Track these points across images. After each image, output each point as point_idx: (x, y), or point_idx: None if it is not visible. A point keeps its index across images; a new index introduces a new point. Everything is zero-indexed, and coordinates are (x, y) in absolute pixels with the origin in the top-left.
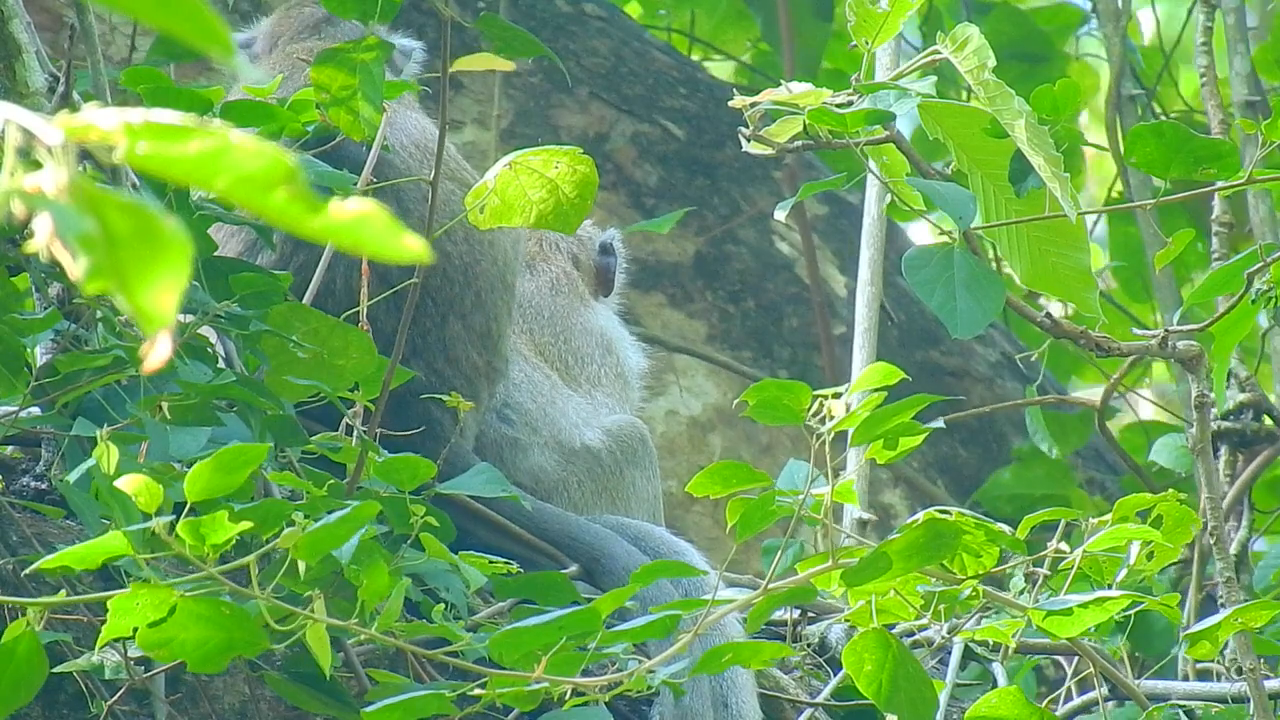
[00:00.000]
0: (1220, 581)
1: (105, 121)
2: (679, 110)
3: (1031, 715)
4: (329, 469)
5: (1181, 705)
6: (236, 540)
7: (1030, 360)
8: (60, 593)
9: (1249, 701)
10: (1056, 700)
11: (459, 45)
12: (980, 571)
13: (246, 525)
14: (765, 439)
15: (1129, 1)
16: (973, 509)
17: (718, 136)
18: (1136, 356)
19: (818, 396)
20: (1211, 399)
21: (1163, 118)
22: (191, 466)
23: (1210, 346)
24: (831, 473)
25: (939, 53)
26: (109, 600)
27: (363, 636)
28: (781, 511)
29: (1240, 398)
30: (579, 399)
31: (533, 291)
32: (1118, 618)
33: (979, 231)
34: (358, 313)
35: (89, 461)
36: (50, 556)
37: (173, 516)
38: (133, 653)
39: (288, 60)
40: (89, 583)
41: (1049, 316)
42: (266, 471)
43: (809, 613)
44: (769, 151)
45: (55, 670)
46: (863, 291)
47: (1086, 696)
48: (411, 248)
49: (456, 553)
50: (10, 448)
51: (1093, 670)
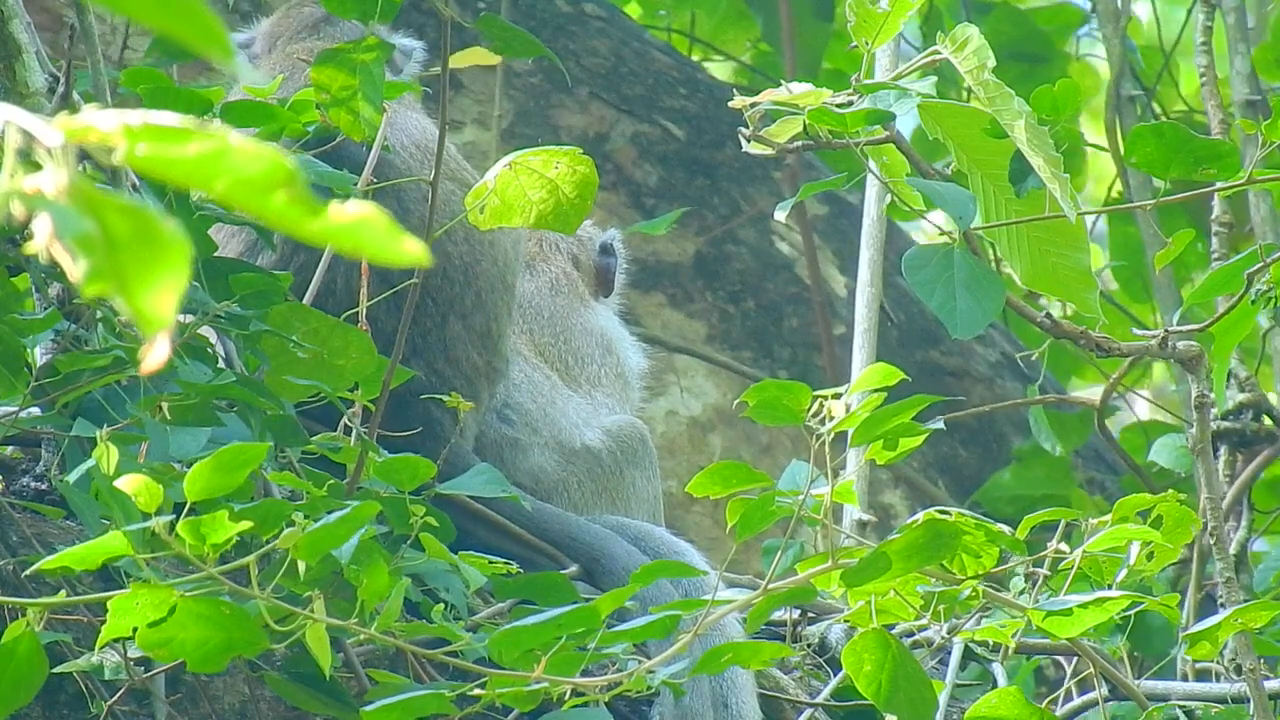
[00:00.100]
0: (1220, 582)
1: (105, 123)
2: (679, 110)
3: (1031, 715)
4: (329, 469)
5: (1181, 705)
6: (236, 540)
7: (1030, 360)
8: (60, 593)
9: (1249, 702)
10: (1056, 700)
11: (459, 45)
12: (980, 572)
13: (246, 525)
14: (765, 439)
15: (1128, 1)
16: (973, 509)
17: (718, 136)
18: (1136, 356)
19: (818, 397)
20: (1211, 399)
21: (1162, 118)
22: (191, 467)
23: (1210, 347)
24: (831, 473)
25: (939, 53)
26: (109, 600)
27: (362, 636)
28: (781, 512)
29: (1240, 398)
30: (579, 399)
31: (533, 292)
32: (1117, 618)
33: (979, 231)
34: (358, 313)
35: (89, 462)
36: (50, 557)
37: (173, 516)
38: (133, 653)
39: (287, 60)
40: (89, 583)
41: (1049, 316)
42: (266, 471)
43: (809, 613)
44: (769, 151)
45: (55, 670)
46: (862, 292)
47: (1086, 696)
48: (411, 251)
49: (456, 553)
50: (10, 448)
51: (1093, 670)
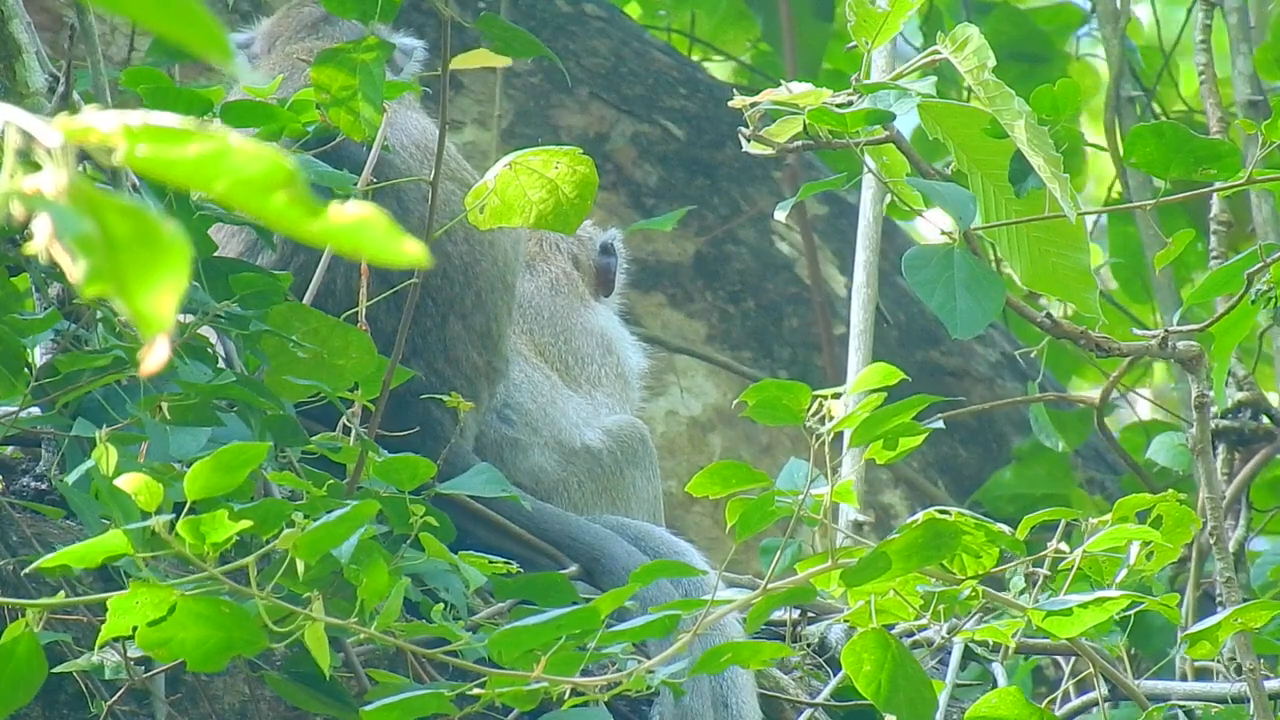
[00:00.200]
0: (1220, 581)
1: (105, 124)
2: (679, 110)
3: (1031, 715)
4: (329, 469)
5: (1181, 705)
6: (236, 540)
7: (1030, 358)
8: (59, 594)
9: (1249, 701)
10: (1056, 700)
11: (459, 45)
12: (980, 571)
13: (247, 525)
14: (765, 439)
15: (1128, 1)
16: (973, 509)
17: (718, 136)
18: (1136, 356)
19: (817, 396)
20: (1211, 398)
21: (1162, 118)
22: (191, 466)
23: (1210, 346)
24: (831, 473)
25: (939, 53)
26: (109, 600)
27: (362, 636)
28: (781, 512)
29: (1238, 396)
30: (579, 399)
31: (533, 292)
32: (1117, 617)
33: (979, 231)
34: (358, 313)
35: (89, 462)
36: (50, 555)
37: (172, 515)
38: (132, 653)
39: (286, 60)
40: (89, 583)
41: (1049, 316)
42: (266, 471)
43: (809, 613)
44: (769, 151)
45: (55, 670)
46: (858, 293)
47: (1086, 697)
48: (411, 251)
49: (456, 553)
50: (10, 448)
51: (1093, 670)
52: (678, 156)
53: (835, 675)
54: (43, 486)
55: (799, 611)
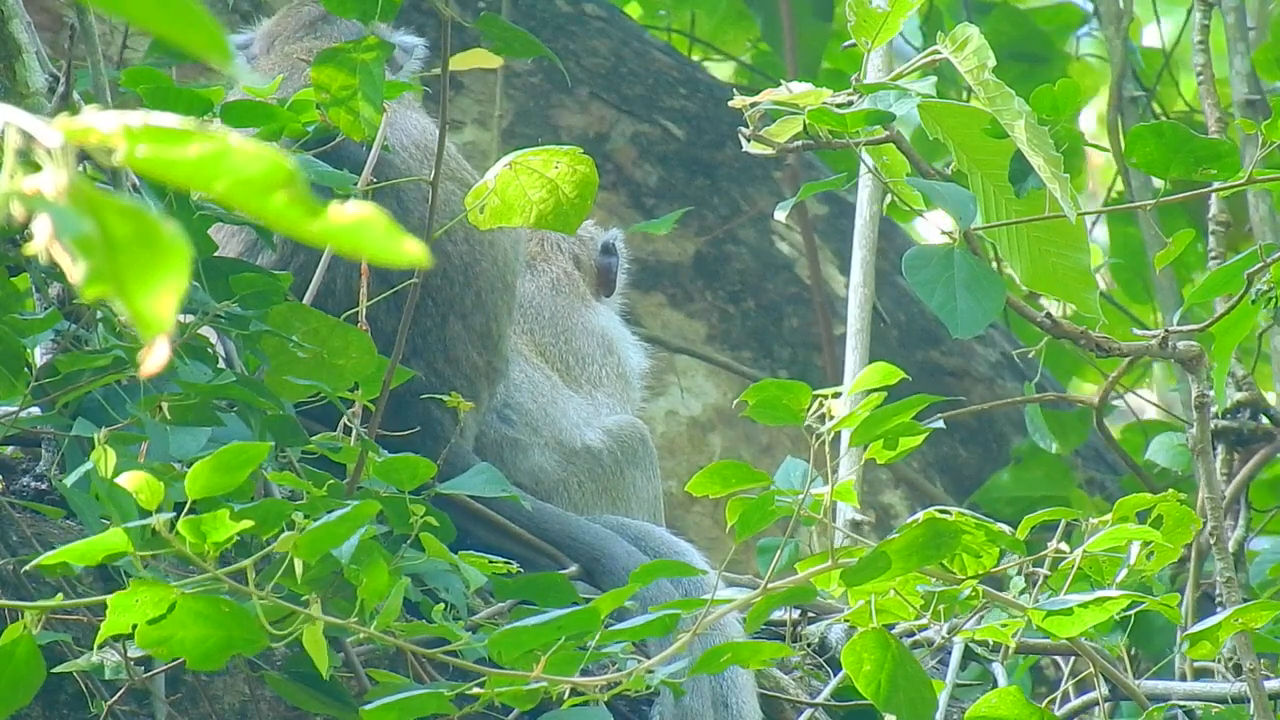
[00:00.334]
0: (1220, 581)
1: (105, 124)
2: (679, 110)
3: (1031, 715)
4: (329, 469)
5: (1181, 705)
6: (237, 540)
7: (1028, 358)
8: (57, 595)
9: (1249, 701)
10: (1056, 700)
11: (459, 45)
12: (980, 571)
13: (247, 524)
14: (765, 439)
15: (1130, 2)
16: (972, 509)
17: (718, 136)
18: (1136, 356)
19: (817, 396)
20: (1212, 398)
21: (1163, 118)
22: (191, 466)
23: (1210, 347)
24: (830, 472)
25: (939, 53)
26: (109, 599)
27: (362, 636)
28: (781, 511)
29: (1237, 396)
30: (580, 399)
31: (534, 292)
32: (1117, 617)
33: (979, 231)
34: (358, 313)
35: (89, 463)
36: (50, 554)
37: (173, 514)
38: (132, 653)
39: (286, 60)
40: (89, 582)
41: (1049, 316)
42: (266, 471)
43: (809, 613)
44: (769, 151)
45: (55, 670)
46: (855, 293)
47: (1086, 697)
48: (411, 251)
49: (456, 553)
50: (10, 448)
51: (1093, 670)
52: (678, 156)
53: (835, 675)
54: (43, 486)
55: (799, 611)
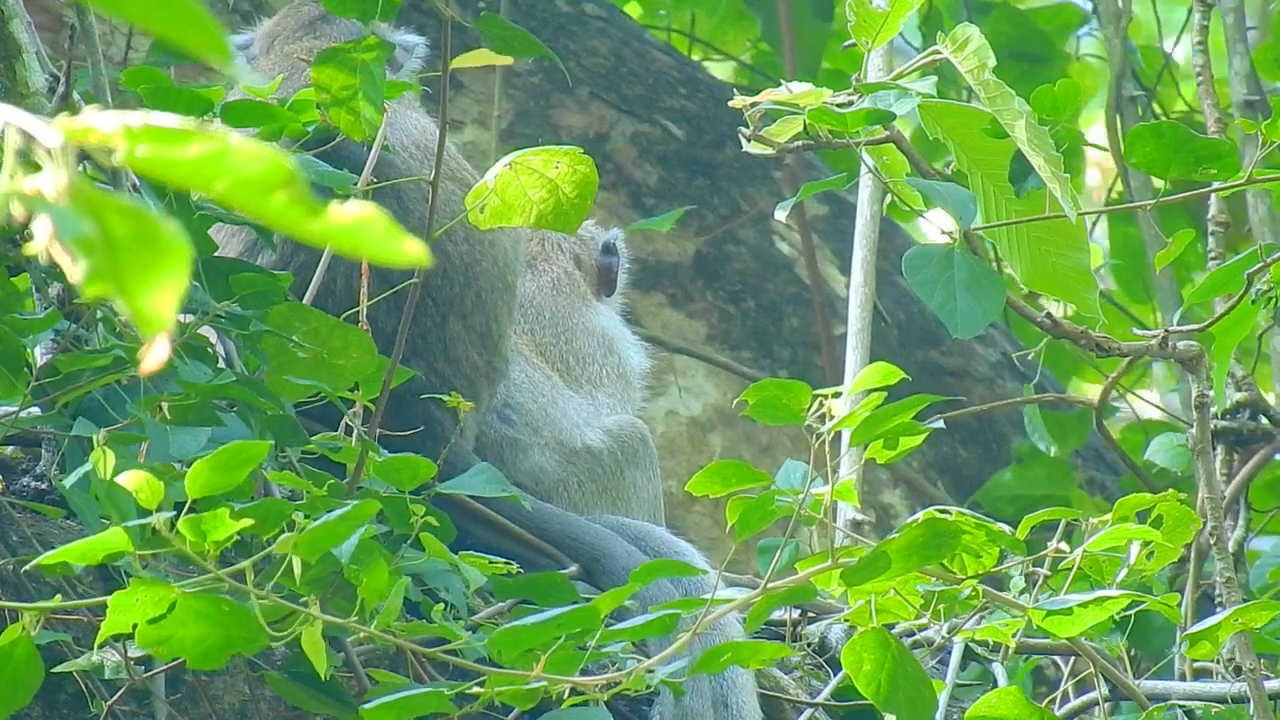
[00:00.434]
0: (1220, 581)
1: (105, 124)
2: (679, 110)
3: (1031, 715)
4: (329, 469)
5: (1181, 705)
6: (237, 540)
7: (1028, 359)
8: (57, 596)
9: (1249, 701)
10: (1056, 700)
11: (459, 45)
12: (980, 571)
13: (247, 523)
14: (765, 439)
15: (1129, 2)
16: (973, 509)
17: (718, 136)
18: (1136, 356)
19: (817, 396)
20: (1211, 399)
21: (1163, 118)
22: (191, 466)
23: (1210, 347)
24: (830, 472)
25: (939, 53)
26: (109, 598)
27: (362, 635)
28: (781, 511)
29: (1237, 397)
30: (580, 399)
31: (534, 291)
32: (1117, 617)
33: (979, 231)
34: (358, 313)
35: (89, 463)
36: (50, 553)
37: (173, 514)
38: (132, 653)
39: (286, 60)
40: (89, 582)
41: (1049, 316)
42: (266, 471)
43: (809, 613)
44: (769, 151)
45: (55, 670)
46: (856, 293)
47: (1086, 697)
48: (411, 251)
49: (456, 553)
50: (10, 448)
51: (1093, 670)
52: (678, 156)
53: (835, 675)
54: (43, 486)
55: (799, 611)
